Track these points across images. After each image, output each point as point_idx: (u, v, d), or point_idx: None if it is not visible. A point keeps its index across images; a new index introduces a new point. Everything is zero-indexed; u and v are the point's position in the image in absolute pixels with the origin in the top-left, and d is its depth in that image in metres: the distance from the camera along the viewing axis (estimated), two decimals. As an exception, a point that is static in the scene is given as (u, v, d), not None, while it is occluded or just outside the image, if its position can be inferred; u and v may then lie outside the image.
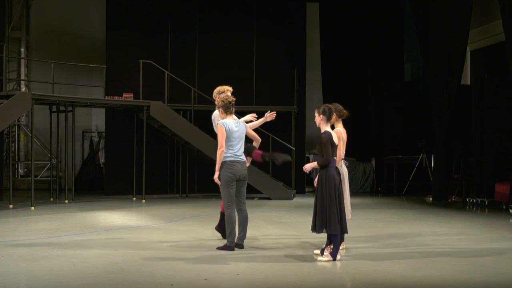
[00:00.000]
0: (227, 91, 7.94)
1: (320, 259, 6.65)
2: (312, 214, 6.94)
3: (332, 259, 6.61)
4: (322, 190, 6.67)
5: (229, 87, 8.03)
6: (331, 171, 6.70)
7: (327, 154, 6.65)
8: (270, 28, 15.75)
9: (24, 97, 11.96)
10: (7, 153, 16.39)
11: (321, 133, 6.79)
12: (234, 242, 7.25)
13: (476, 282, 5.82)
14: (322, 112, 6.84)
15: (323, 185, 6.66)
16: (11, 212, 11.47)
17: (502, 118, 12.82)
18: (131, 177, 14.26)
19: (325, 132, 6.77)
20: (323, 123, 6.86)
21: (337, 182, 6.70)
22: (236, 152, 7.26)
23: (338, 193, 6.69)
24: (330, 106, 6.95)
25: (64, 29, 17.21)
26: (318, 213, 6.67)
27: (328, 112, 6.85)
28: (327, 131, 6.80)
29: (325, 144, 6.65)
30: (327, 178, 6.66)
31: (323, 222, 6.62)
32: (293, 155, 14.84)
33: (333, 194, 6.62)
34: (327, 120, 6.86)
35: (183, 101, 14.89)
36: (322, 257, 6.68)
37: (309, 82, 17.04)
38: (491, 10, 14.77)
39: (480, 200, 12.79)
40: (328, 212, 6.59)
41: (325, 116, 6.84)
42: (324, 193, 6.64)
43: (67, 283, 5.64)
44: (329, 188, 6.63)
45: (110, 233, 8.73)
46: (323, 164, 6.68)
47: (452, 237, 8.51)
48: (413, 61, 18.68)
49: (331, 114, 6.87)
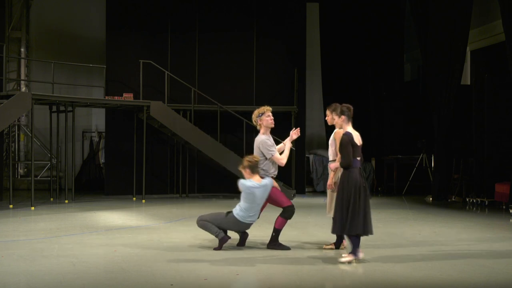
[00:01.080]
0: (267, 111, 7.55)
1: (343, 260, 6.54)
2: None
3: (354, 257, 6.53)
4: (343, 191, 6.58)
5: (269, 107, 7.61)
6: (353, 172, 6.61)
7: (347, 155, 6.57)
8: (270, 28, 15.75)
9: (24, 97, 11.96)
10: (7, 153, 16.39)
11: (342, 134, 6.69)
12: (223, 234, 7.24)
13: (476, 282, 5.81)
14: (341, 112, 6.78)
15: (344, 186, 6.59)
16: (11, 212, 11.47)
17: (502, 118, 12.82)
18: (131, 177, 14.26)
19: (346, 133, 6.68)
20: (344, 124, 6.78)
21: (359, 183, 6.59)
22: (251, 217, 7.23)
23: (364, 195, 6.57)
24: (349, 106, 6.87)
25: (64, 29, 17.21)
26: (339, 215, 6.58)
27: (347, 111, 6.78)
28: (348, 132, 6.70)
29: (345, 146, 6.58)
30: (348, 179, 6.58)
31: (342, 223, 6.53)
32: (293, 155, 14.84)
33: (356, 196, 6.51)
34: (348, 120, 6.78)
35: (183, 101, 14.88)
36: (344, 257, 6.57)
37: (309, 82, 17.05)
38: (491, 10, 14.77)
39: (480, 200, 12.78)
40: (351, 214, 6.48)
41: (346, 116, 6.77)
42: (345, 194, 6.55)
43: (67, 283, 5.64)
44: (349, 189, 6.53)
45: (110, 233, 8.73)
46: (343, 165, 6.61)
47: (452, 237, 8.51)
48: (413, 61, 18.67)
49: (350, 113, 6.80)
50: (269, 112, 7.53)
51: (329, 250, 7.37)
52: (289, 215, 7.35)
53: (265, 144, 7.37)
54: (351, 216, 6.50)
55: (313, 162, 16.66)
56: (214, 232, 7.23)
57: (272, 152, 7.38)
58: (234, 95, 15.28)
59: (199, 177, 15.17)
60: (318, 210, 12.37)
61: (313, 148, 17.74)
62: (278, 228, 7.40)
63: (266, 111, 7.52)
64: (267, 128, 7.55)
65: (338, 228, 6.61)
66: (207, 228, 7.26)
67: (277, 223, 7.39)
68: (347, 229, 6.53)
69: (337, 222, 6.60)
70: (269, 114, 7.52)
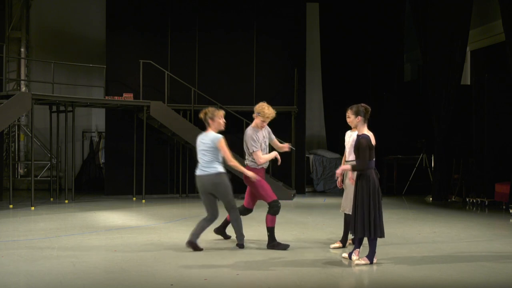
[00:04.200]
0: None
1: (357, 263, 6.48)
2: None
3: (369, 263, 6.48)
4: (363, 193, 6.46)
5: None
6: (371, 173, 6.50)
7: (364, 158, 6.42)
8: (270, 28, 15.75)
9: (24, 97, 11.96)
10: (7, 153, 16.40)
11: (359, 137, 6.54)
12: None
13: (476, 282, 5.82)
14: (358, 113, 6.61)
15: (365, 188, 6.46)
16: (11, 212, 11.47)
17: (502, 118, 12.81)
18: (131, 177, 14.26)
19: (364, 136, 6.50)
20: (360, 125, 6.61)
21: (377, 185, 6.51)
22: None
23: (378, 197, 6.51)
24: (366, 106, 6.71)
25: (64, 29, 17.21)
26: (359, 217, 6.46)
27: (364, 111, 6.62)
28: (366, 134, 6.53)
29: (364, 149, 6.41)
30: (366, 180, 6.46)
31: (365, 226, 6.43)
32: (293, 155, 14.85)
33: (375, 197, 6.45)
34: (365, 121, 6.62)
35: (183, 101, 14.89)
36: (359, 260, 6.52)
37: (309, 82, 17.04)
38: (491, 10, 14.77)
39: (480, 200, 12.78)
40: (373, 216, 6.41)
41: (362, 116, 6.60)
42: (365, 196, 6.45)
43: (67, 283, 5.64)
44: (368, 190, 6.44)
45: (110, 233, 8.73)
46: (360, 168, 6.49)
47: (452, 237, 8.51)
48: (413, 61, 18.67)
49: (367, 114, 6.64)
50: (268, 120, 7.65)
51: (335, 250, 7.37)
52: (275, 211, 7.48)
53: (250, 139, 7.58)
54: (373, 219, 6.41)
55: (313, 162, 16.66)
56: (239, 234, 7.46)
57: (254, 148, 7.55)
58: (234, 95, 15.27)
59: (199, 177, 15.14)
60: (318, 210, 12.39)
61: (313, 148, 17.75)
62: (270, 226, 7.50)
63: (266, 118, 7.60)
64: (259, 122, 7.65)
65: (360, 230, 6.47)
66: (237, 227, 7.47)
67: (267, 222, 7.52)
68: (372, 232, 6.43)
69: (358, 224, 6.46)
70: (266, 121, 7.65)
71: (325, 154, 16.82)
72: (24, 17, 16.93)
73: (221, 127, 7.40)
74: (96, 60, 15.69)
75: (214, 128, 7.37)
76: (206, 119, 7.36)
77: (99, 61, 15.58)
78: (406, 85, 18.19)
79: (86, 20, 17.21)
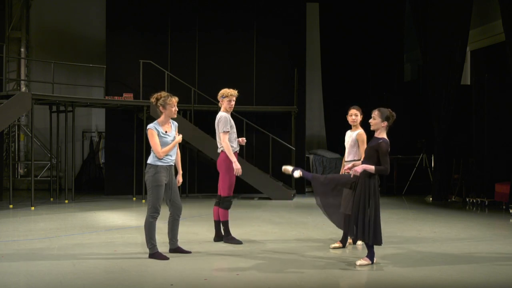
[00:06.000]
0: (231, 96, 8.04)
1: (359, 263, 6.46)
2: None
3: (371, 263, 6.48)
4: (367, 198, 6.43)
5: (235, 93, 8.11)
6: (375, 178, 6.53)
7: (386, 163, 6.45)
8: (270, 28, 15.75)
9: (24, 97, 11.96)
10: (7, 153, 16.39)
11: (379, 140, 6.54)
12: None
13: (476, 282, 5.82)
14: (387, 118, 6.60)
15: (371, 193, 6.44)
16: (11, 212, 11.47)
17: (502, 118, 12.81)
18: (131, 177, 14.25)
19: (385, 140, 6.53)
20: (382, 130, 6.62)
21: (378, 189, 6.52)
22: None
23: (378, 202, 6.52)
24: (394, 113, 6.68)
25: (64, 29, 17.20)
26: (360, 222, 6.43)
27: (391, 118, 6.62)
28: (386, 139, 6.56)
29: (385, 153, 6.45)
30: (370, 184, 6.46)
31: (364, 231, 6.40)
32: (293, 155, 14.84)
33: (377, 202, 6.45)
34: (388, 127, 6.65)
35: (183, 101, 14.83)
36: (361, 261, 6.49)
37: (309, 82, 17.04)
38: (491, 10, 14.76)
39: (480, 200, 12.78)
40: (373, 223, 6.39)
41: (388, 122, 6.62)
42: (371, 201, 6.42)
43: (67, 283, 5.64)
44: (370, 195, 6.43)
45: (110, 233, 8.73)
46: (384, 172, 6.49)
47: (452, 237, 8.51)
48: (413, 61, 18.67)
49: (392, 121, 6.64)
50: (233, 98, 7.92)
51: (335, 250, 7.37)
52: (226, 206, 7.79)
53: (224, 120, 7.80)
54: (373, 225, 6.39)
55: (313, 162, 16.66)
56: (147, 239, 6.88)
57: (225, 128, 7.75)
58: (234, 95, 15.24)
59: (199, 177, 15.16)
60: (318, 210, 12.35)
61: (313, 148, 17.74)
62: (224, 220, 7.80)
63: (229, 95, 7.89)
64: (227, 104, 7.97)
65: (360, 234, 6.45)
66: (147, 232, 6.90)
67: (221, 216, 7.82)
68: (371, 239, 6.40)
69: (359, 227, 6.43)
70: (232, 100, 7.93)
71: (325, 154, 16.82)
72: (24, 17, 16.93)
73: (172, 115, 6.85)
74: (96, 60, 15.69)
75: (165, 117, 6.83)
76: (157, 105, 6.81)
77: (99, 61, 15.57)
78: (406, 85, 18.18)
79: (86, 20, 17.20)
